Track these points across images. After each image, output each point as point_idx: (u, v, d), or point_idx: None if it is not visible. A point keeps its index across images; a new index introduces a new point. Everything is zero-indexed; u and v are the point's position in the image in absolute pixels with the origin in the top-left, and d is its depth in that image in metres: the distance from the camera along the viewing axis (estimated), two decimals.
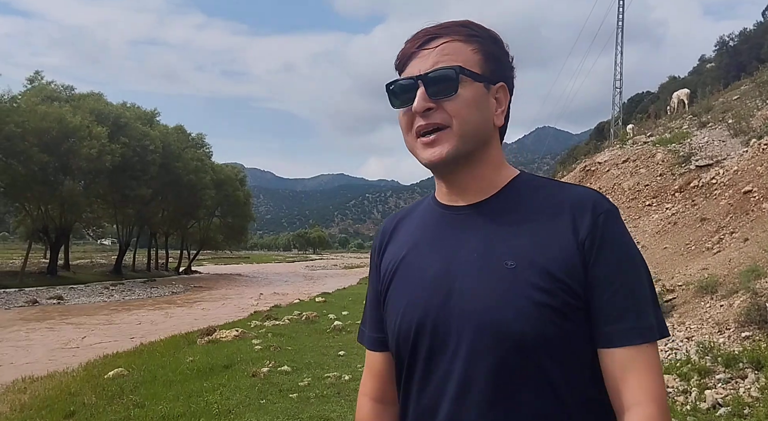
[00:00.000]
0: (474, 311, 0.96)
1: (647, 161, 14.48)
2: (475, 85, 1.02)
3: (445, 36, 1.03)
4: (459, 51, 1.02)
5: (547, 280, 0.95)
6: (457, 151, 1.00)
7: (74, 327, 17.00)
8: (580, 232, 0.97)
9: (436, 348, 1.00)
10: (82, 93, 41.17)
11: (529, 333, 0.93)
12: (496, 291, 0.96)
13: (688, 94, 21.76)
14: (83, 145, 32.90)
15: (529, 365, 0.94)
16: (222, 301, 25.55)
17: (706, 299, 7.04)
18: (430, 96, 1.00)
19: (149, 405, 6.18)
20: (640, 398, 0.92)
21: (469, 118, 1.01)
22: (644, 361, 0.94)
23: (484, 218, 1.03)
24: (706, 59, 60.53)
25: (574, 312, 0.95)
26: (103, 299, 27.49)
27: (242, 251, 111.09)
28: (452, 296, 0.99)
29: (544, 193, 1.04)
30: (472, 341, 0.96)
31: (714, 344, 5.74)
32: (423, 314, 1.01)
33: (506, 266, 0.97)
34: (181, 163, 44.56)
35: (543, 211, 1.01)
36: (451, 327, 0.98)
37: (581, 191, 1.04)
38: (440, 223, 1.08)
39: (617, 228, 1.00)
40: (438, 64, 1.00)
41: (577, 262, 0.96)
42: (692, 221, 10.21)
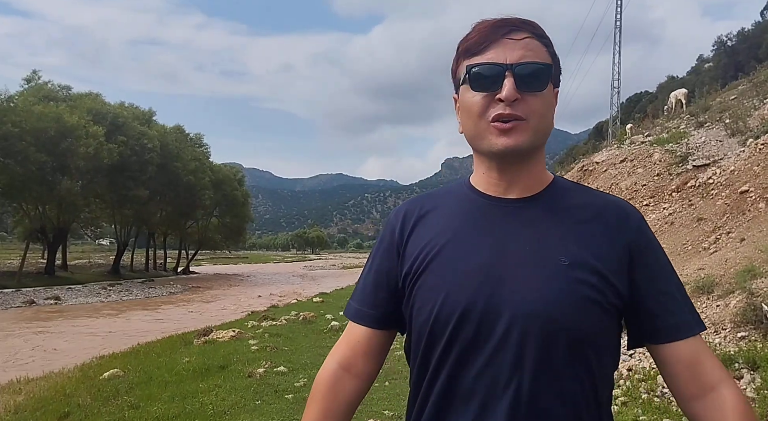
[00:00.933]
0: (527, 301, 0.99)
1: (645, 161, 14.48)
2: (550, 86, 1.06)
3: (525, 30, 1.04)
4: (539, 50, 1.05)
5: (597, 278, 1.00)
6: (531, 144, 1.04)
7: (72, 327, 16.97)
8: (626, 236, 1.05)
9: (483, 335, 1.00)
10: (80, 93, 41.15)
11: (580, 327, 0.98)
12: (550, 285, 0.99)
13: (685, 94, 21.76)
14: (80, 144, 32.87)
15: (576, 357, 0.99)
16: (219, 301, 25.53)
17: (703, 299, 7.03)
18: (518, 87, 1.01)
19: (144, 406, 6.16)
20: (722, 375, 1.02)
21: (545, 115, 1.05)
22: (707, 347, 1.05)
23: (536, 213, 1.07)
24: (705, 59, 60.64)
25: (615, 310, 1.03)
26: (101, 299, 27.46)
27: (241, 251, 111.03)
28: (504, 286, 1.01)
29: (582, 196, 1.11)
30: (523, 330, 0.98)
31: (710, 345, 5.73)
32: (471, 300, 1.01)
33: (560, 262, 1.01)
34: (180, 163, 44.53)
35: (587, 213, 1.07)
36: (501, 316, 0.99)
37: (613, 198, 1.13)
38: (487, 213, 1.09)
39: (652, 233, 1.09)
40: (526, 58, 1.02)
41: (624, 264, 1.03)
42: (689, 221, 10.20)
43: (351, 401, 1.17)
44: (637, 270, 1.04)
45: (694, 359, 1.02)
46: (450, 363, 1.03)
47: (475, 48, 1.04)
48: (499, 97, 1.01)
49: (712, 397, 1.00)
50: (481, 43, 1.04)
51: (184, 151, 46.85)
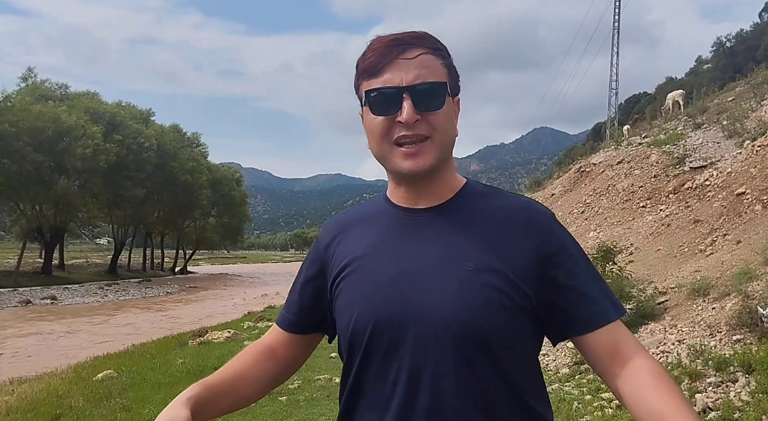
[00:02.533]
0: (435, 308, 1.03)
1: (642, 163, 14.46)
2: (449, 100, 1.08)
3: (418, 47, 1.06)
4: (434, 65, 1.06)
5: (503, 282, 1.03)
6: (437, 162, 1.07)
7: (67, 327, 16.92)
8: (535, 237, 1.08)
9: (396, 342, 1.05)
10: (77, 92, 41.11)
11: (486, 329, 1.02)
12: (456, 290, 1.03)
13: (683, 95, 21.75)
14: (78, 144, 32.83)
15: (486, 358, 1.03)
16: (216, 301, 25.50)
17: (698, 301, 7.00)
18: (417, 108, 1.03)
19: (136, 408, 6.14)
20: (637, 349, 1.05)
21: (448, 130, 1.08)
22: (626, 331, 1.08)
23: (442, 221, 1.10)
24: (703, 60, 60.68)
25: (524, 311, 1.05)
26: (98, 299, 27.42)
27: (239, 250, 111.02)
28: (414, 294, 1.05)
29: (493, 200, 1.13)
30: (432, 336, 1.02)
31: (705, 347, 5.70)
32: (383, 310, 1.06)
33: (466, 267, 1.04)
34: (177, 163, 44.50)
35: (496, 217, 1.10)
36: (411, 323, 1.04)
37: (524, 200, 1.15)
38: (400, 224, 1.13)
39: (563, 230, 1.12)
40: (421, 78, 1.04)
41: (534, 265, 1.06)
42: (685, 223, 10.17)
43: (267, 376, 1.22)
44: (549, 270, 1.06)
45: (614, 342, 1.05)
46: (371, 373, 1.08)
47: (372, 69, 1.06)
48: (399, 120, 1.04)
49: (629, 366, 1.03)
50: (377, 64, 1.05)
51: (181, 151, 46.82)
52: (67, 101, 37.10)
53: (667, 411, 0.95)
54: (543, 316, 1.08)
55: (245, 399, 1.20)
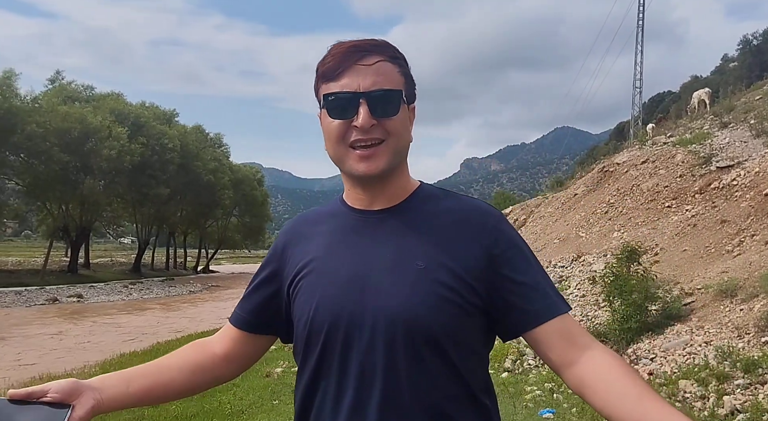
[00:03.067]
0: (387, 306, 1.06)
1: (667, 162, 14.27)
2: (404, 107, 1.12)
3: (376, 54, 1.09)
4: (391, 72, 1.10)
5: (453, 280, 1.07)
6: (390, 165, 1.11)
7: (94, 325, 17.20)
8: (484, 237, 1.11)
9: (351, 341, 1.07)
10: (102, 93, 41.74)
11: (436, 326, 1.05)
12: (407, 288, 1.06)
13: (709, 94, 21.42)
14: (104, 145, 33.35)
15: (437, 354, 1.06)
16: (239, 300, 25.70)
17: (726, 303, 6.91)
18: (372, 114, 1.07)
19: (162, 405, 6.20)
20: (590, 341, 1.09)
21: (402, 136, 1.12)
22: (575, 323, 1.11)
23: (395, 222, 1.14)
24: (729, 58, 59.63)
25: (474, 308, 1.08)
26: (122, 297, 27.81)
27: (260, 250, 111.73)
28: (366, 293, 1.08)
29: (445, 202, 1.17)
30: (385, 333, 1.05)
31: (733, 349, 5.63)
32: (338, 309, 1.08)
33: (417, 266, 1.08)
34: (200, 163, 44.96)
35: (448, 218, 1.14)
36: (365, 321, 1.06)
37: (476, 202, 1.19)
38: (354, 226, 1.16)
39: (512, 229, 1.17)
40: (378, 84, 1.07)
41: (483, 263, 1.09)
42: (712, 223, 10.03)
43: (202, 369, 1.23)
44: (499, 267, 1.10)
45: (568, 331, 1.08)
46: (328, 372, 1.10)
47: (330, 74, 1.09)
48: (355, 124, 1.07)
49: (586, 355, 1.05)
50: (336, 69, 1.08)
51: (204, 151, 47.29)
52: (92, 102, 37.72)
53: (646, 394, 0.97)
54: (495, 313, 1.11)
55: (167, 387, 1.18)
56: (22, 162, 32.62)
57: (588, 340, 1.09)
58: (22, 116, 30.01)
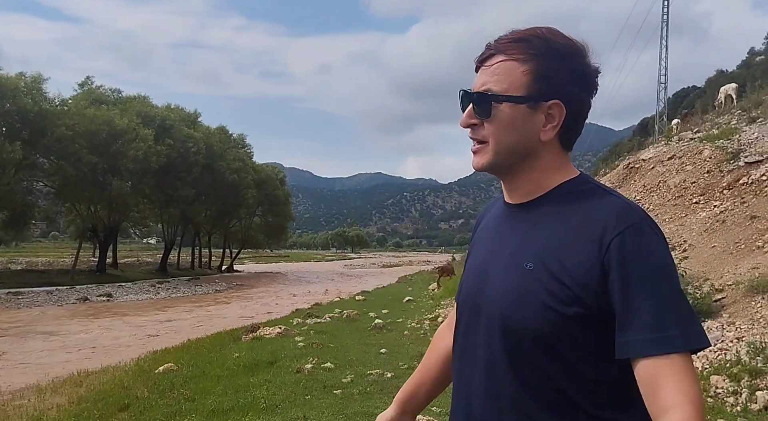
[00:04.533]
0: (494, 302, 1.12)
1: (694, 158, 14.12)
2: (517, 108, 1.09)
3: (503, 54, 1.11)
4: (509, 72, 1.10)
5: (557, 286, 1.03)
6: (493, 165, 1.14)
7: (125, 323, 17.54)
8: (602, 247, 1.02)
9: (471, 324, 1.18)
10: (129, 96, 42.38)
11: (532, 330, 1.05)
12: (512, 289, 1.09)
13: (736, 89, 21.10)
14: (131, 146, 33.89)
15: (529, 358, 1.06)
16: (264, 299, 25.96)
17: (757, 298, 6.86)
18: (476, 114, 1.13)
19: (199, 399, 6.36)
20: (676, 400, 0.94)
21: (503, 138, 1.11)
22: (679, 368, 0.96)
23: (524, 218, 1.15)
24: (756, 52, 58.53)
25: (580, 319, 1.02)
26: (150, 296, 28.24)
27: (282, 249, 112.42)
28: (485, 285, 1.15)
29: (584, 201, 1.10)
30: (489, 326, 1.12)
31: (766, 345, 5.60)
32: (467, 295, 1.21)
33: (525, 268, 1.08)
34: (224, 164, 45.42)
35: (574, 219, 1.08)
36: (481, 311, 1.15)
37: (613, 204, 1.07)
38: (499, 217, 1.23)
39: (642, 242, 1.02)
40: (485, 85, 1.11)
41: (595, 274, 1.01)
42: (741, 219, 9.93)
43: (449, 347, 1.33)
44: (609, 283, 1.00)
45: (650, 379, 0.97)
46: (459, 343, 1.22)
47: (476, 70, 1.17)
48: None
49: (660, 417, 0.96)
50: (476, 67, 1.16)
51: (227, 152, 47.76)
52: (119, 105, 38.36)
53: None
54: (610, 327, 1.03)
55: (442, 381, 1.41)
56: (52, 164, 33.30)
57: (670, 402, 0.95)
58: (51, 119, 30.68)
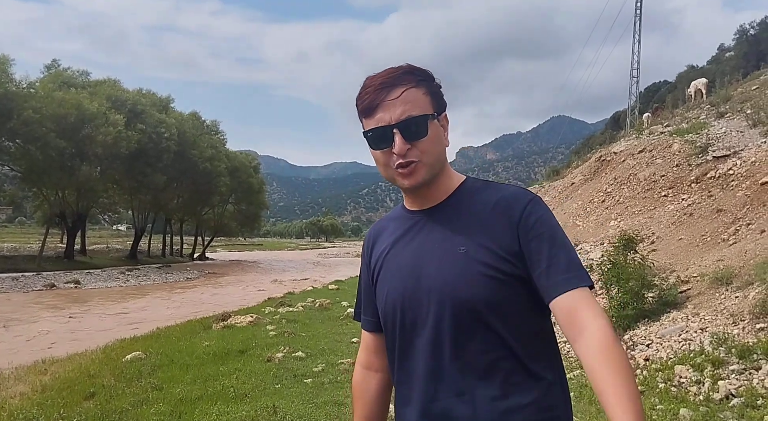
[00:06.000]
0: (437, 287, 1.24)
1: (664, 152, 14.36)
2: (434, 124, 1.28)
3: (400, 85, 1.25)
4: (416, 97, 1.26)
5: (490, 256, 1.22)
6: (430, 176, 1.29)
7: (93, 311, 17.26)
8: (515, 217, 1.25)
9: (413, 321, 1.28)
10: (99, 79, 41.42)
11: (477, 298, 1.21)
12: (452, 270, 1.24)
13: (705, 84, 21.48)
14: (100, 131, 33.18)
15: (481, 323, 1.22)
16: (236, 287, 25.79)
17: (721, 290, 7.01)
18: (405, 139, 1.24)
19: (167, 388, 6.29)
20: (592, 316, 1.15)
21: (434, 151, 1.28)
22: (588, 298, 1.18)
23: (440, 217, 1.32)
24: (726, 48, 59.53)
25: (514, 279, 1.22)
26: (120, 283, 27.84)
27: (255, 238, 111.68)
28: (421, 279, 1.27)
29: (485, 193, 1.32)
30: (437, 310, 1.24)
31: (728, 336, 5.73)
32: (401, 296, 1.30)
33: (459, 252, 1.25)
34: (197, 151, 44.79)
35: (485, 206, 1.29)
36: (422, 303, 1.26)
37: (513, 189, 1.33)
38: (410, 225, 1.36)
39: (542, 211, 1.27)
40: (406, 113, 1.24)
41: (515, 240, 1.23)
42: (708, 212, 10.13)
43: (380, 392, 1.48)
44: (525, 244, 1.23)
45: (570, 309, 1.17)
46: (400, 349, 1.32)
47: (367, 111, 1.27)
48: (394, 151, 1.25)
49: (583, 336, 1.14)
50: (370, 106, 1.26)
51: (200, 139, 47.09)
52: (88, 88, 37.45)
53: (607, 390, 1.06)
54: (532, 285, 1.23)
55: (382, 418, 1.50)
56: (18, 148, 32.45)
57: (585, 319, 1.15)
58: (18, 102, 29.81)
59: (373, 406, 1.47)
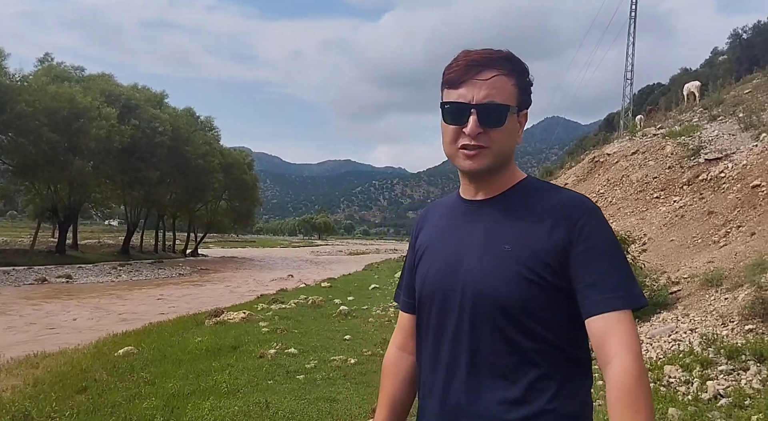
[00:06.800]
0: (473, 281, 1.23)
1: (656, 154, 14.45)
2: (513, 117, 1.26)
3: (493, 69, 1.24)
4: (505, 86, 1.24)
5: (533, 261, 1.19)
6: (492, 166, 1.27)
7: (84, 305, 17.20)
8: (569, 225, 1.21)
9: (443, 310, 1.28)
10: (93, 74, 41.28)
11: (512, 299, 1.19)
12: (492, 267, 1.22)
13: (699, 87, 21.60)
14: (93, 125, 33.05)
15: (511, 325, 1.20)
16: (228, 283, 25.74)
17: (711, 291, 7.08)
18: (480, 123, 1.22)
19: (159, 383, 6.29)
20: (619, 349, 1.12)
21: (505, 143, 1.27)
22: (623, 323, 1.14)
23: (493, 211, 1.29)
24: (719, 52, 59.87)
25: (553, 289, 1.19)
26: (111, 279, 27.73)
27: (248, 235, 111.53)
28: (460, 269, 1.26)
29: (542, 194, 1.29)
30: (472, 305, 1.23)
31: (717, 336, 5.79)
32: (439, 283, 1.30)
33: (503, 249, 1.23)
34: (190, 147, 44.69)
35: (539, 208, 1.26)
36: (456, 293, 1.26)
37: (571, 195, 1.28)
38: (460, 213, 1.35)
39: (597, 222, 1.23)
40: (489, 98, 1.22)
41: (562, 248, 1.19)
42: (700, 214, 10.21)
43: (412, 374, 1.46)
44: (576, 256, 1.19)
45: (601, 334, 1.14)
46: (430, 333, 1.32)
47: (452, 83, 1.26)
48: (464, 130, 1.24)
49: (608, 368, 1.12)
50: (456, 80, 1.25)
51: (194, 135, 46.99)
52: (82, 83, 37.32)
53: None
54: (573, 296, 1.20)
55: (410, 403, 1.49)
56: (11, 141, 32.29)
57: (613, 350, 1.12)
58: (11, 95, 29.65)
59: (402, 387, 1.47)
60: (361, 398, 5.56)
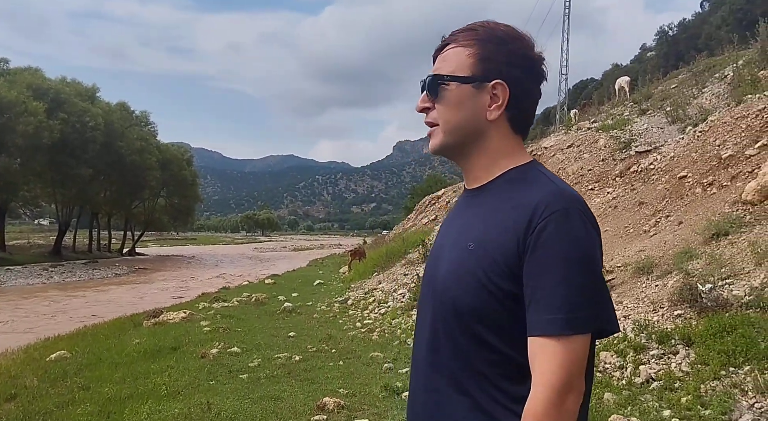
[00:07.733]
0: (439, 277, 1.19)
1: (591, 147, 14.88)
2: (462, 88, 1.16)
3: (453, 43, 1.19)
4: (455, 57, 1.17)
5: (492, 265, 1.10)
6: (444, 146, 1.20)
7: (13, 310, 16.41)
8: (527, 228, 1.07)
9: (422, 308, 1.26)
10: (19, 67, 39.31)
11: (465, 303, 1.12)
12: (454, 265, 1.16)
13: (628, 82, 22.34)
14: (19, 121, 31.49)
15: (464, 327, 1.13)
16: (168, 283, 25.10)
17: (643, 279, 7.34)
18: (428, 97, 1.20)
19: (94, 387, 6.09)
20: (536, 380, 1.03)
21: (450, 117, 1.18)
22: (547, 350, 1.02)
23: (474, 202, 1.22)
24: (647, 48, 62.33)
25: (507, 295, 1.09)
26: (42, 280, 26.59)
27: (189, 232, 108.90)
28: (438, 267, 1.21)
29: (521, 187, 1.14)
30: (433, 303, 1.19)
31: (648, 322, 6.01)
32: (426, 276, 1.27)
33: (467, 247, 1.15)
34: (125, 143, 43.27)
35: (510, 204, 1.13)
36: (432, 291, 1.21)
37: (546, 190, 1.11)
38: (459, 203, 1.31)
39: (558, 228, 1.06)
40: (435, 71, 1.19)
41: (517, 254, 1.08)
42: (631, 205, 10.58)
43: None
44: (525, 264, 1.07)
45: (531, 356, 1.05)
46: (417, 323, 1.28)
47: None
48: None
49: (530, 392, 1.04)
50: (433, 59, 1.23)
51: (129, 130, 45.51)
52: (7, 76, 35.48)
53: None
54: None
55: None
56: None
57: (534, 379, 1.04)
58: None
59: None
60: (306, 395, 5.52)
